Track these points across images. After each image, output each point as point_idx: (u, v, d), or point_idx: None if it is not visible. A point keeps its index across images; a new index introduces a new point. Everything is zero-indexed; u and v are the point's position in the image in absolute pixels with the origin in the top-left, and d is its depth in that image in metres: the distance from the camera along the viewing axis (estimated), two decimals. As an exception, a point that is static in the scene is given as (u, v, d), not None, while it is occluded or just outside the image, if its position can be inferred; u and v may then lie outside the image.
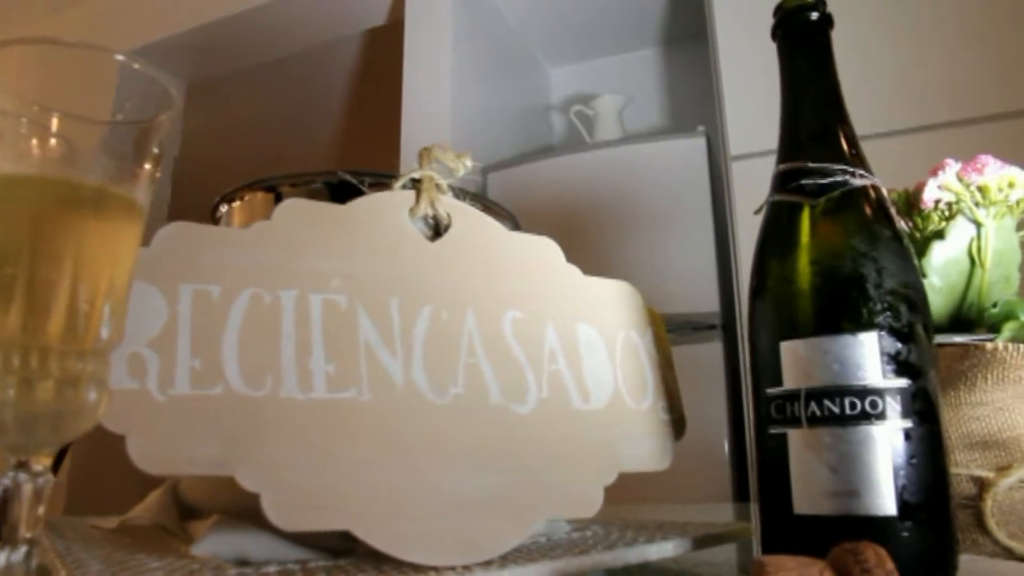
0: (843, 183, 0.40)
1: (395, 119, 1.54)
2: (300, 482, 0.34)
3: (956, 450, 0.45)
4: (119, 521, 0.47)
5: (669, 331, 1.50)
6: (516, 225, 0.52)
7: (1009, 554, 0.44)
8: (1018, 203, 0.49)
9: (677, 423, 0.46)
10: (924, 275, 0.48)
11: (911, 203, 0.52)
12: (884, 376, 0.37)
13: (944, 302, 0.48)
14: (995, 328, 0.46)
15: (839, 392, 0.37)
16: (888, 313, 0.37)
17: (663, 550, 0.41)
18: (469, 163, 0.49)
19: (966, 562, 0.42)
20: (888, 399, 0.36)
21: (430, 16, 1.56)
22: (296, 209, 0.40)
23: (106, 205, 0.29)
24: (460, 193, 0.48)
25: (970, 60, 1.23)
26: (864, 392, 0.37)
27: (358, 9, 1.71)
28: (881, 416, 0.36)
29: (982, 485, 0.44)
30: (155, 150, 0.31)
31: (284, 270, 0.38)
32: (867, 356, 0.37)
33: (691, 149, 1.39)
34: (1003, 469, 0.44)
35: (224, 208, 0.49)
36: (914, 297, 0.38)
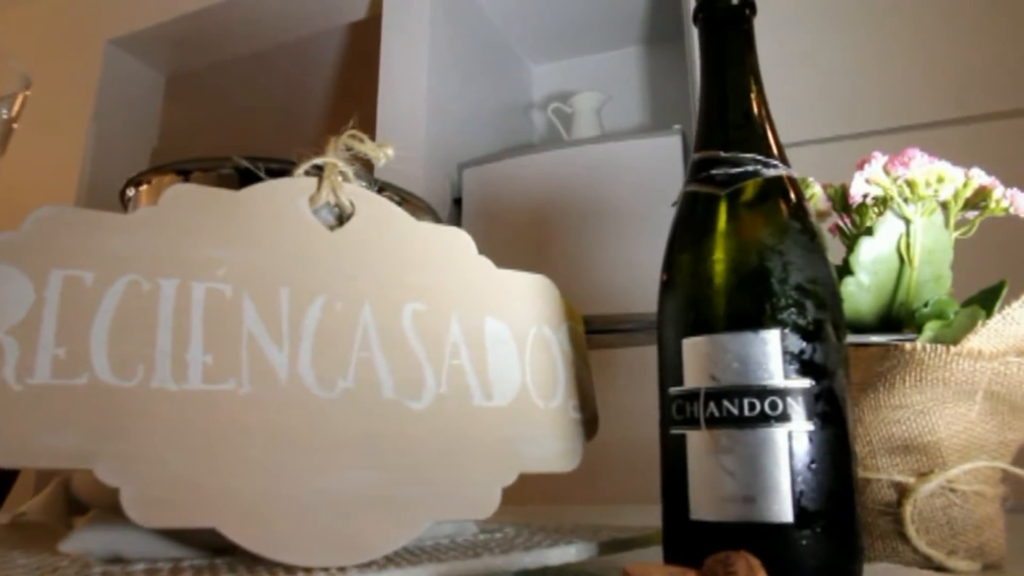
0: (754, 173, 0.38)
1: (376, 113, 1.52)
2: (164, 476, 0.33)
3: (877, 454, 0.43)
4: (11, 517, 0.46)
5: (642, 331, 1.48)
6: (437, 218, 0.51)
7: (928, 562, 0.42)
8: (955, 197, 0.48)
9: (589, 423, 0.45)
10: (852, 272, 0.46)
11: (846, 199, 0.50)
12: (787, 376, 0.35)
13: (873, 300, 0.46)
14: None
15: (738, 392, 0.35)
16: (793, 310, 0.36)
17: (565, 554, 0.40)
18: (391, 152, 0.47)
19: (881, 571, 0.41)
20: (789, 400, 0.35)
21: (407, 11, 1.55)
22: (185, 194, 0.38)
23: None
24: (373, 181, 0.46)
25: (942, 61, 1.21)
26: (764, 392, 0.35)
27: (338, 2, 1.69)
28: (781, 418, 0.35)
29: (902, 491, 0.43)
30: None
31: (167, 257, 0.37)
32: (769, 355, 0.35)
33: (667, 147, 1.37)
34: (923, 475, 0.42)
35: (131, 192, 0.48)
36: (822, 294, 0.37)
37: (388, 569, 0.35)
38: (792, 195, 0.39)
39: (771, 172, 0.39)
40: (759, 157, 0.39)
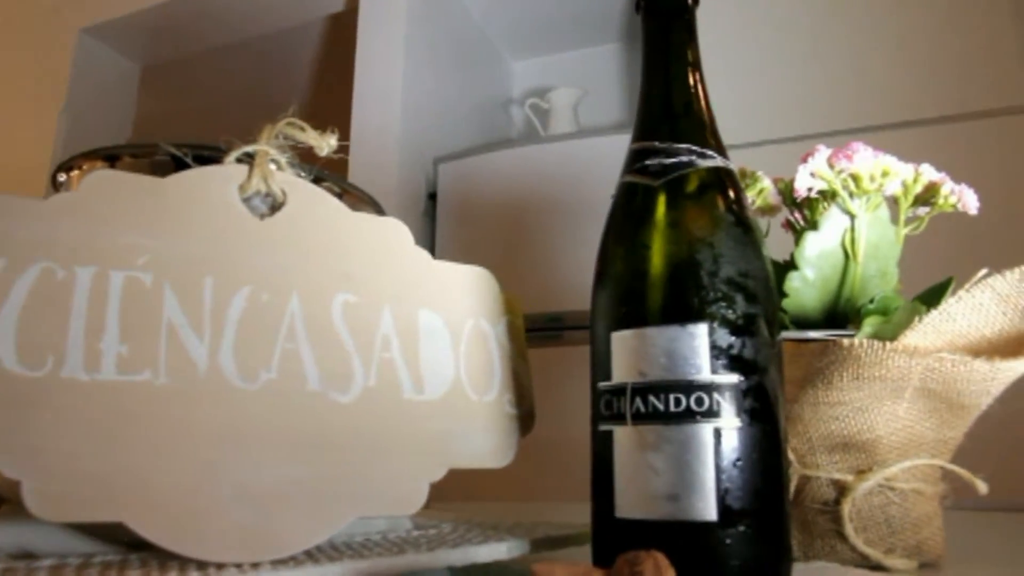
0: (688, 163, 0.38)
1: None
2: (69, 469, 0.32)
3: (817, 452, 0.43)
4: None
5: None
6: (379, 210, 0.50)
7: (866, 561, 0.41)
8: (905, 193, 0.47)
9: (525, 418, 0.44)
10: (798, 267, 0.46)
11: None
12: (714, 371, 0.34)
13: (818, 296, 0.46)
14: (869, 325, 0.44)
15: (664, 387, 0.34)
16: (722, 304, 0.35)
17: (495, 552, 0.39)
18: (334, 142, 0.46)
19: (815, 571, 0.40)
20: (715, 396, 0.34)
21: (385, 3, 1.53)
22: (107, 181, 0.37)
23: None
24: (310, 170, 0.45)
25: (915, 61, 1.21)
26: (690, 388, 0.34)
27: (315, -6, 1.68)
28: (708, 414, 0.34)
29: (841, 489, 0.42)
30: None
31: (84, 245, 0.36)
32: (697, 349, 0.35)
33: (642, 143, 1.36)
34: (862, 472, 0.42)
35: (62, 177, 0.47)
36: (754, 288, 0.36)
37: (305, 566, 0.34)
38: (727, 187, 0.38)
39: (706, 163, 0.38)
40: (695, 148, 0.38)
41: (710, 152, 0.38)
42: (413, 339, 0.41)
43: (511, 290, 0.48)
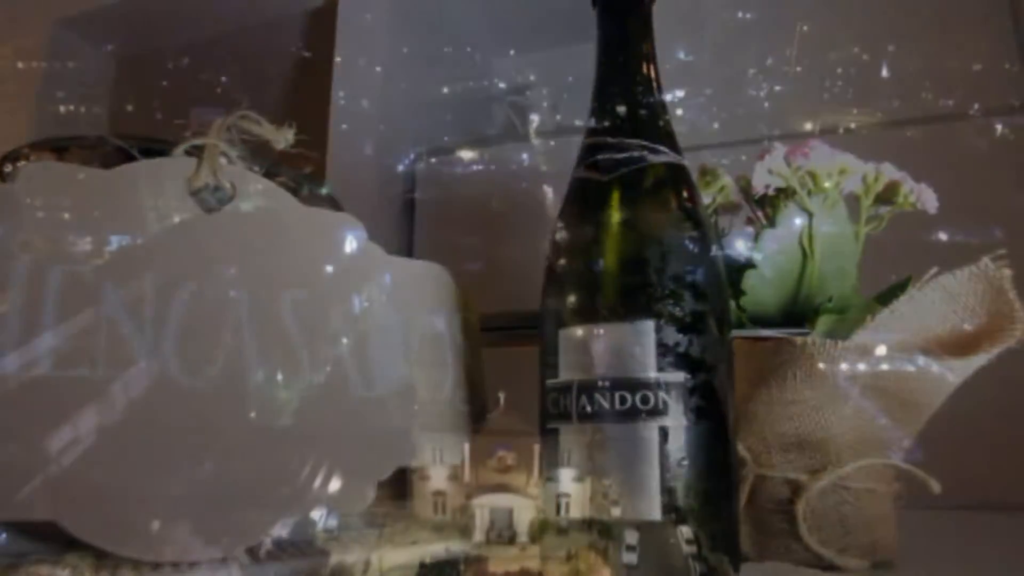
0: (639, 159, 0.37)
1: (335, 103, 1.49)
2: (2, 467, 0.31)
3: (772, 451, 0.43)
4: None
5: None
6: (336, 206, 0.49)
7: (819, 560, 0.41)
8: (866, 192, 0.47)
9: (478, 415, 0.43)
10: (755, 265, 0.45)
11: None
12: (661, 369, 0.34)
13: (775, 293, 0.45)
14: (827, 324, 0.44)
15: (609, 385, 0.34)
16: (669, 301, 0.35)
17: (437, 551, 0.39)
18: (290, 135, 0.45)
19: (768, 570, 0.40)
20: (661, 394, 0.34)
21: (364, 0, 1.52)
22: (46, 173, 0.37)
23: None
24: (263, 164, 0.45)
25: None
26: (635, 385, 0.34)
27: (295, -13, 1.66)
28: (653, 413, 0.34)
29: (795, 489, 0.42)
30: None
31: (20, 239, 0.35)
32: (644, 347, 0.34)
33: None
34: (816, 472, 0.41)
35: (8, 168, 0.46)
36: (703, 285, 0.36)
37: (245, 565, 0.33)
38: (678, 183, 0.38)
39: (657, 159, 0.37)
40: (646, 143, 0.38)
41: (662, 148, 0.38)
42: (363, 335, 0.41)
43: (490, 288, 0.47)
